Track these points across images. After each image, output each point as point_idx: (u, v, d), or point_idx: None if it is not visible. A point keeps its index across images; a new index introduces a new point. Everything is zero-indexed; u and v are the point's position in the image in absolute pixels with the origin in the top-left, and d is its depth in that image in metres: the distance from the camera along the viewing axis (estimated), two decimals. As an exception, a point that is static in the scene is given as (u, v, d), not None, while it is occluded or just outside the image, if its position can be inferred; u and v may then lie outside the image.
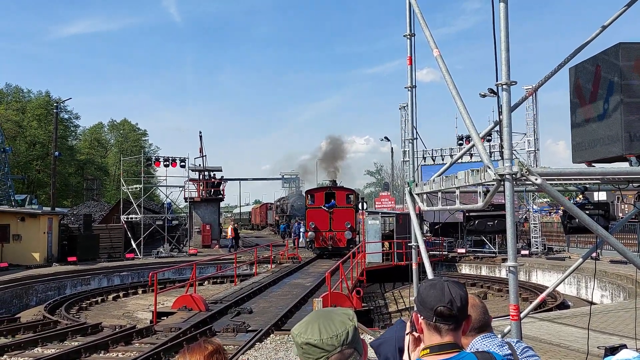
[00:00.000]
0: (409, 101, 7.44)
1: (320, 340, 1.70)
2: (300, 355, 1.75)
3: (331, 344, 1.70)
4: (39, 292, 23.49)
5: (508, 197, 4.37)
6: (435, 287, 2.15)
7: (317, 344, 1.70)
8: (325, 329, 1.71)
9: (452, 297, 2.10)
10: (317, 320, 1.76)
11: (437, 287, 2.14)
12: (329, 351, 1.69)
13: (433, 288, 2.14)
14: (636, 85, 5.49)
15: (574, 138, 6.33)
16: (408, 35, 7.37)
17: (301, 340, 1.72)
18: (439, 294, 2.11)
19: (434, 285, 2.16)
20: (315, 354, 1.70)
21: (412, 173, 7.93)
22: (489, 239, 30.48)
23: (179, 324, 13.98)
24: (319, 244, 31.10)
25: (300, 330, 1.75)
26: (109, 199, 64.49)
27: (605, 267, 21.25)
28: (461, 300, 2.11)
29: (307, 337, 1.71)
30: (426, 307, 2.12)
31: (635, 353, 2.53)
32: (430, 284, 2.19)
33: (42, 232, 28.25)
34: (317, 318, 1.77)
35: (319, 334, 1.70)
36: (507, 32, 4.43)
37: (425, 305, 2.13)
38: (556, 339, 10.95)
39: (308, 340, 1.71)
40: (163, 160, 37.16)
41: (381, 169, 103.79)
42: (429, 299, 2.12)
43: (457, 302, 2.10)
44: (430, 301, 2.11)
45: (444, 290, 2.11)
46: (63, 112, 62.44)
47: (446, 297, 2.09)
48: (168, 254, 33.59)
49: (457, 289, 2.15)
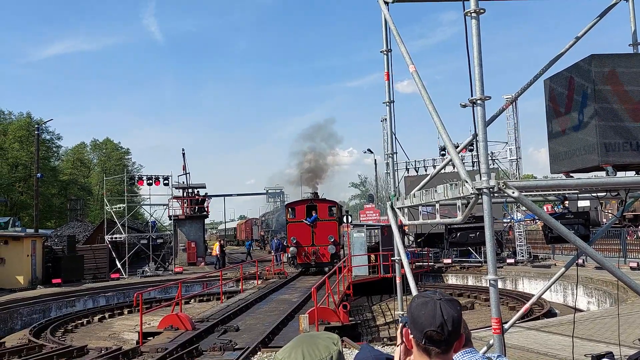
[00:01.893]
0: (388, 116, 7.49)
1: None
2: None
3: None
4: (24, 316, 23.12)
5: (486, 211, 4.40)
6: (427, 306, 2.05)
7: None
8: (309, 354, 1.70)
9: (444, 319, 2.01)
10: (300, 345, 1.74)
11: (429, 307, 2.04)
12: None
13: (425, 307, 2.05)
14: (609, 95, 5.57)
15: (552, 148, 6.40)
16: (385, 51, 7.43)
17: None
18: (430, 316, 2.02)
19: (425, 304, 2.07)
20: None
21: (393, 187, 7.96)
22: (474, 249, 30.59)
23: (166, 344, 13.80)
24: (302, 260, 29.98)
25: (284, 355, 1.73)
26: (93, 219, 63.79)
27: (590, 274, 21.40)
28: (453, 323, 2.03)
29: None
30: (416, 328, 2.05)
31: None
32: (422, 302, 2.09)
33: (25, 255, 27.87)
34: (301, 343, 1.75)
35: (302, 359, 1.69)
36: (480, 48, 4.48)
37: (415, 326, 2.06)
38: (543, 348, 10.97)
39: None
40: (146, 179, 36.99)
41: (365, 181, 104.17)
42: (420, 320, 2.04)
43: (449, 325, 2.01)
44: (421, 322, 2.03)
45: (435, 312, 2.02)
46: (45, 133, 61.86)
47: (437, 320, 2.01)
48: (153, 273, 33.29)
49: (450, 309, 2.05)
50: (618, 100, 5.46)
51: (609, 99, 5.47)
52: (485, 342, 7.25)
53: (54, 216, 64.23)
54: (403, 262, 6.71)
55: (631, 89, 5.46)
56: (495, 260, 4.50)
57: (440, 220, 5.62)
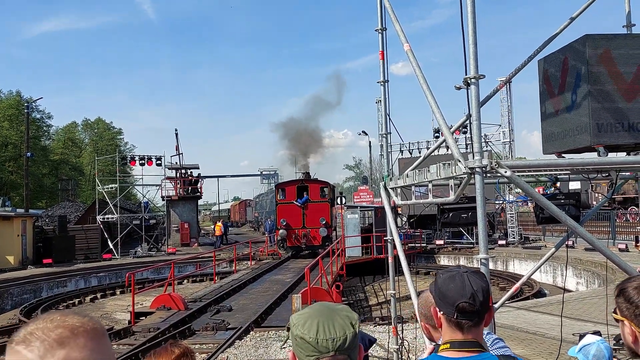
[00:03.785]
0: (382, 95, 7.47)
1: (315, 339, 1.59)
2: (293, 345, 1.65)
3: (325, 347, 1.58)
4: (14, 296, 23.11)
5: (478, 190, 4.41)
6: (455, 279, 2.01)
7: (311, 342, 1.59)
8: (324, 329, 1.60)
9: (474, 290, 1.97)
10: (318, 316, 1.64)
11: (457, 280, 2.00)
12: (321, 352, 1.58)
13: (452, 281, 2.01)
14: (603, 76, 5.56)
15: (544, 129, 6.40)
16: (379, 30, 7.37)
17: (296, 332, 1.62)
18: (460, 288, 1.98)
19: (452, 277, 2.03)
20: (307, 351, 1.60)
21: (387, 167, 7.96)
22: (466, 230, 30.75)
23: (158, 323, 13.87)
24: (292, 243, 29.13)
25: (299, 321, 1.64)
26: (85, 199, 63.56)
27: (580, 255, 21.62)
28: (483, 294, 1.99)
29: (303, 332, 1.61)
30: (446, 303, 2.00)
31: (597, 337, 2.57)
32: (449, 276, 2.04)
33: (16, 235, 27.79)
34: (319, 315, 1.65)
35: (316, 333, 1.59)
36: (475, 26, 4.45)
37: (445, 300, 2.00)
38: (532, 327, 11.12)
39: (303, 335, 1.60)
40: (139, 159, 36.83)
41: (360, 163, 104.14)
42: (449, 293, 1.99)
43: (480, 296, 1.97)
44: (451, 296, 1.98)
45: (465, 283, 1.98)
46: (35, 111, 61.33)
47: (467, 292, 1.97)
48: (146, 254, 33.31)
49: (479, 280, 2.01)
50: (611, 80, 5.46)
51: (602, 80, 5.47)
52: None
53: (45, 196, 63.93)
54: (395, 242, 6.73)
55: (624, 70, 5.46)
56: (486, 240, 4.52)
57: (432, 200, 5.62)
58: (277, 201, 30.20)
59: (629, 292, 1.85)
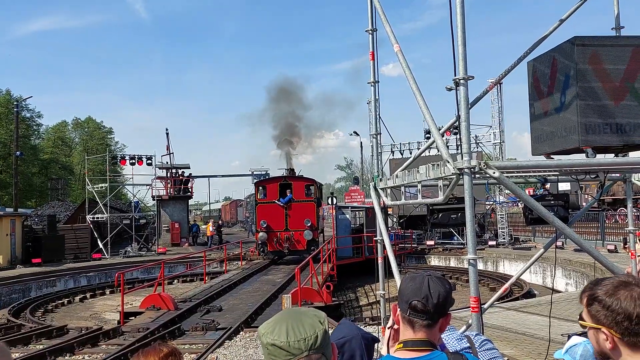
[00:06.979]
0: (372, 96, 7.47)
1: (287, 342, 1.59)
2: (266, 356, 1.64)
3: (298, 348, 1.59)
4: (3, 295, 22.92)
5: (467, 191, 4.41)
6: (415, 280, 2.12)
7: (283, 346, 1.59)
8: (294, 331, 1.60)
9: (430, 292, 2.07)
10: (285, 320, 1.65)
11: (417, 281, 2.11)
12: (295, 354, 1.59)
13: (412, 281, 2.12)
14: (591, 77, 5.59)
15: (533, 130, 6.43)
16: (370, 31, 7.38)
17: (267, 340, 1.62)
18: (417, 288, 2.08)
19: (414, 278, 2.14)
20: (280, 356, 1.60)
21: (377, 168, 7.97)
22: (457, 231, 30.85)
23: (147, 323, 13.80)
24: (273, 247, 26.22)
25: (267, 329, 1.64)
26: (75, 198, 63.14)
27: (569, 256, 21.74)
28: (439, 297, 2.08)
29: (274, 338, 1.61)
30: (402, 300, 2.11)
31: (583, 338, 2.57)
32: (411, 277, 2.16)
33: (4, 234, 27.56)
34: (287, 318, 1.66)
35: (286, 336, 1.60)
36: (464, 27, 4.46)
37: (402, 298, 2.11)
38: (521, 328, 11.16)
39: (274, 341, 1.60)
40: (129, 159, 36.61)
41: (351, 164, 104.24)
42: (407, 291, 2.10)
43: (434, 298, 2.07)
44: (407, 294, 2.09)
45: (422, 285, 2.09)
46: (24, 110, 60.83)
47: (422, 292, 2.07)
48: (136, 254, 33.14)
49: (438, 285, 2.11)
50: (599, 80, 5.48)
51: (591, 81, 5.50)
52: (465, 321, 7.33)
53: (34, 195, 63.48)
54: (385, 243, 6.74)
55: (612, 69, 5.49)
56: (475, 240, 4.53)
57: (422, 201, 5.64)
58: (257, 200, 27.26)
59: (603, 299, 1.84)
